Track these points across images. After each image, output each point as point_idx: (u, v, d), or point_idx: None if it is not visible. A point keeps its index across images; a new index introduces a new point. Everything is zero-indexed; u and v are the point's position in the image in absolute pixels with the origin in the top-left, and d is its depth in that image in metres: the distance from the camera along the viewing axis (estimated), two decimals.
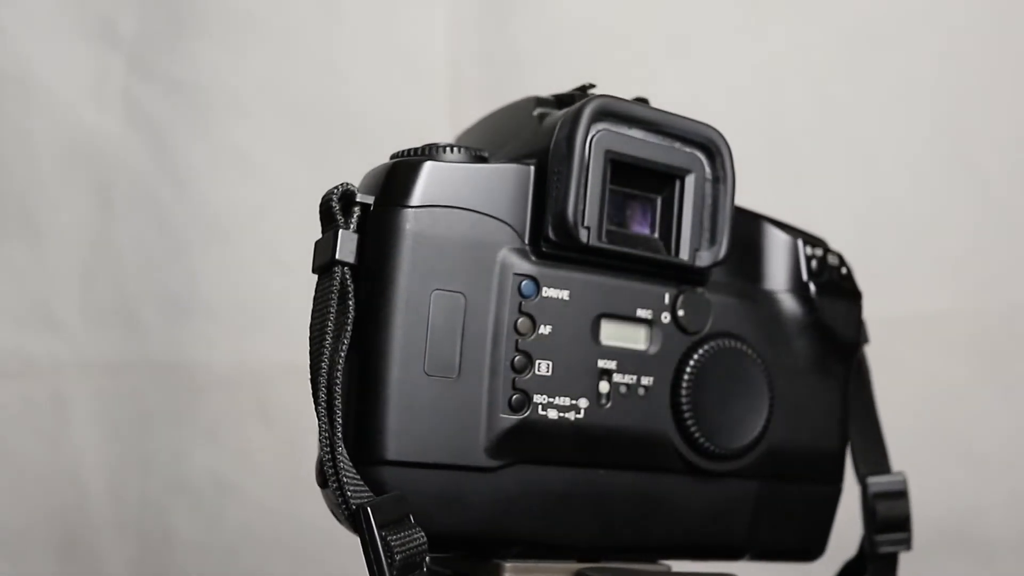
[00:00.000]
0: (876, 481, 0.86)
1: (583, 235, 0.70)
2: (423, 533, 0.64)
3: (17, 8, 1.22)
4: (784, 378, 0.78)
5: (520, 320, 0.69)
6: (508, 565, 0.71)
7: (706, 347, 0.75)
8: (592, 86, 0.75)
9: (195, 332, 1.24)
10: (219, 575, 1.23)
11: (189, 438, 1.25)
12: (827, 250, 0.83)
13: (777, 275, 0.80)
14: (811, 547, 0.82)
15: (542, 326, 0.70)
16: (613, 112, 0.71)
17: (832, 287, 0.82)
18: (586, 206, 0.70)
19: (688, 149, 0.73)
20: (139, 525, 1.24)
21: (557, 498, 0.71)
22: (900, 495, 0.86)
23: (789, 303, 0.80)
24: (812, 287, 0.81)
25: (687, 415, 0.74)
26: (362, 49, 1.27)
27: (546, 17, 1.31)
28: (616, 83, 0.78)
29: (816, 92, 1.35)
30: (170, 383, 1.24)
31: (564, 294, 0.71)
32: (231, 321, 1.24)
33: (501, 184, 0.70)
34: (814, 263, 0.81)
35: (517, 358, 0.69)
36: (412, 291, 0.67)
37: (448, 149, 0.70)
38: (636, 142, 0.72)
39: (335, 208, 0.67)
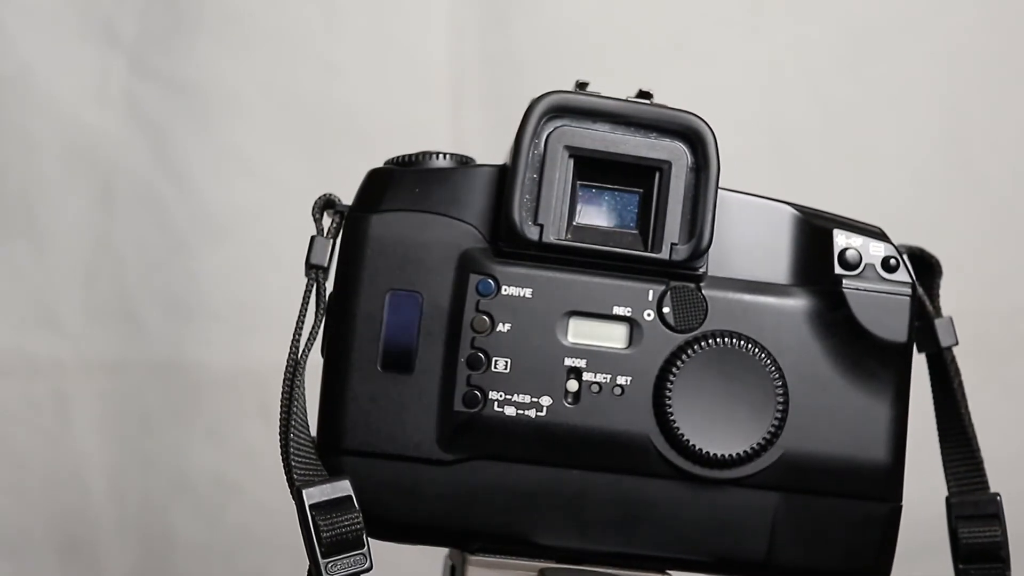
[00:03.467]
0: (959, 502, 0.76)
1: (532, 232, 0.70)
2: (359, 516, 0.67)
3: (17, 8, 1.22)
4: (805, 381, 0.71)
5: (476, 318, 0.70)
6: (472, 559, 0.71)
7: (697, 346, 0.70)
8: (586, 84, 0.73)
9: (196, 332, 1.25)
10: (220, 575, 1.23)
11: (190, 438, 1.25)
12: (875, 240, 0.73)
13: (802, 268, 0.73)
14: (866, 568, 0.73)
15: (501, 324, 0.70)
16: (570, 107, 0.70)
17: (873, 281, 0.72)
18: (538, 203, 0.70)
19: (667, 140, 0.70)
20: (140, 524, 1.25)
21: (524, 496, 0.71)
22: (989, 518, 0.75)
23: (813, 299, 0.72)
24: (844, 281, 0.72)
25: (672, 417, 0.70)
26: (363, 50, 1.27)
27: (548, 17, 1.30)
28: (619, 82, 0.77)
29: (818, 95, 1.34)
30: (171, 383, 1.25)
31: (526, 292, 0.71)
32: (232, 321, 1.25)
33: (470, 187, 0.72)
34: (850, 254, 0.72)
35: (472, 355, 0.70)
36: (368, 292, 0.71)
37: (437, 156, 0.73)
38: (602, 136, 0.70)
39: (315, 216, 0.73)
